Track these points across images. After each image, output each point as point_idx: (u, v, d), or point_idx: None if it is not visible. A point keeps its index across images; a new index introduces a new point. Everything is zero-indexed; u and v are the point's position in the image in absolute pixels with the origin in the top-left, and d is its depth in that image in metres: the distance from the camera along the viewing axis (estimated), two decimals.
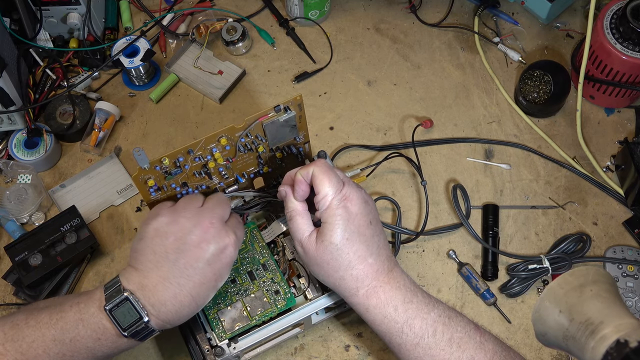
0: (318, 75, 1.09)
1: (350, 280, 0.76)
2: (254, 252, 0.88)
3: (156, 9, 1.13)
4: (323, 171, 0.75)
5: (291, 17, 1.13)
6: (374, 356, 0.90)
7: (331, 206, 0.75)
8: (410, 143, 1.01)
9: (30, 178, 1.00)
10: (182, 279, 0.72)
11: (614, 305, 0.62)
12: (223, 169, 0.84)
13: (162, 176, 0.80)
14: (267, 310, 0.84)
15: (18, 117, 1.00)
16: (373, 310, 0.76)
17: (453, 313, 0.76)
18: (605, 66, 0.98)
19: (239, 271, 0.87)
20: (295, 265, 0.87)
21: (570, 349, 0.62)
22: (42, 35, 1.07)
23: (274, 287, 0.85)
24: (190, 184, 0.83)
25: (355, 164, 1.02)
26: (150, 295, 0.72)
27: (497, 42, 1.10)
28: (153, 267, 0.73)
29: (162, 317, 0.73)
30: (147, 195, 0.81)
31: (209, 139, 0.79)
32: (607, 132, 1.03)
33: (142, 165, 0.77)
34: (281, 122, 0.81)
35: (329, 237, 0.75)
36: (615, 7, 0.97)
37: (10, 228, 0.97)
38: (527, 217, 0.98)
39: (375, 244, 0.77)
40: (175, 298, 0.72)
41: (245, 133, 0.80)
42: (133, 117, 1.07)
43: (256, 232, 0.89)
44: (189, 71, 1.09)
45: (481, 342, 0.74)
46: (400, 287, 0.76)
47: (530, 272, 0.91)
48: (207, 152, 0.80)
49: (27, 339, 0.72)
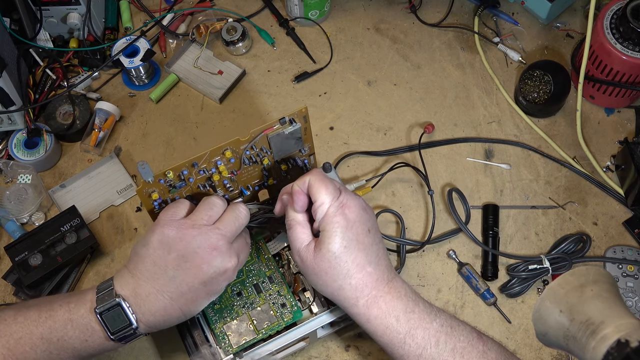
0: (318, 75, 1.09)
1: (349, 290, 0.75)
2: (260, 264, 0.87)
3: (156, 9, 1.13)
4: (319, 179, 0.75)
5: (291, 17, 1.13)
6: (374, 356, 0.90)
7: (328, 214, 0.74)
8: (413, 146, 1.01)
9: (30, 178, 1.00)
10: (176, 294, 0.73)
11: (615, 305, 0.62)
12: (228, 181, 0.82)
13: (167, 189, 0.78)
14: (273, 323, 0.83)
15: (18, 117, 1.00)
16: (374, 321, 0.74)
17: (455, 322, 0.75)
18: (605, 66, 0.98)
19: (245, 284, 0.85)
20: (301, 279, 0.85)
21: (570, 349, 0.62)
22: (42, 35, 1.07)
23: (281, 300, 0.84)
24: (195, 196, 0.81)
25: (359, 173, 1.01)
26: (142, 304, 0.73)
27: (497, 42, 1.10)
28: (150, 277, 0.73)
29: (149, 325, 0.74)
30: (151, 208, 0.80)
31: (213, 152, 0.78)
32: (607, 132, 1.03)
33: (146, 179, 0.76)
34: (286, 135, 0.80)
35: (326, 245, 0.74)
36: (615, 7, 0.97)
37: (10, 228, 0.97)
38: (527, 217, 0.98)
39: (374, 252, 0.76)
40: (165, 310, 0.73)
41: (250, 146, 0.79)
42: (133, 117, 1.07)
43: (262, 243, 0.88)
44: (189, 71, 1.09)
45: (484, 352, 0.73)
46: (402, 297, 0.75)
47: (531, 273, 0.91)
48: (212, 165, 0.79)
49: (14, 335, 0.72)
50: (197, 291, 0.74)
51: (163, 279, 0.73)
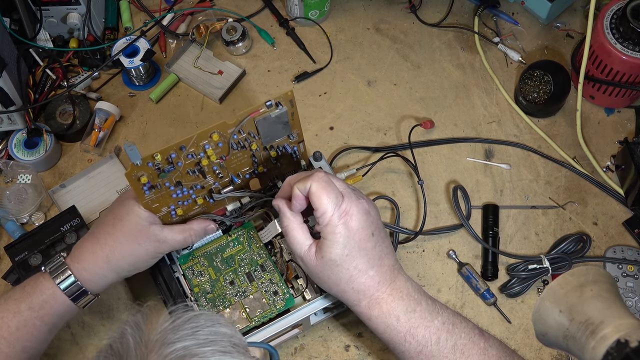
0: (318, 75, 1.09)
1: (352, 293, 0.76)
2: (252, 252, 0.88)
3: (156, 9, 1.13)
4: (321, 187, 0.74)
5: (291, 17, 1.13)
6: (374, 356, 0.90)
7: (331, 223, 0.74)
8: (414, 144, 1.01)
9: (30, 178, 1.00)
10: (96, 234, 0.81)
11: (614, 305, 0.62)
12: (217, 167, 0.83)
13: (156, 173, 0.79)
14: (266, 311, 0.84)
15: (18, 117, 1.00)
16: (375, 320, 0.76)
17: (457, 319, 0.76)
18: (605, 66, 0.98)
19: (237, 272, 0.87)
20: (293, 267, 0.86)
21: (570, 349, 0.62)
22: (42, 35, 1.07)
23: (273, 287, 0.85)
24: (184, 183, 0.82)
25: (352, 163, 1.02)
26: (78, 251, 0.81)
27: (497, 42, 1.10)
28: (90, 232, 0.83)
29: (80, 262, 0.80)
30: (142, 193, 0.79)
31: (201, 135, 0.78)
32: (607, 132, 1.03)
33: (134, 161, 0.76)
34: (273, 118, 0.81)
35: (328, 254, 0.74)
36: (615, 7, 0.97)
37: (10, 228, 0.97)
38: (527, 217, 0.98)
39: (376, 255, 0.76)
40: (93, 253, 0.80)
41: (238, 129, 0.80)
42: (133, 117, 1.07)
43: (253, 232, 0.89)
44: (189, 71, 1.09)
45: (485, 349, 0.74)
46: (403, 297, 0.76)
47: (530, 272, 0.91)
48: (200, 149, 0.80)
49: None
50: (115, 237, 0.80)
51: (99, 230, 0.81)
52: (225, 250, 0.88)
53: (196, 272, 0.87)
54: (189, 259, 0.88)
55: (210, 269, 0.87)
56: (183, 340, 0.55)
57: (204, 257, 0.88)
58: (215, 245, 0.89)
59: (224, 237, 0.89)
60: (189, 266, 0.87)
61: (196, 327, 0.57)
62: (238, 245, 0.89)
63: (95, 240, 0.80)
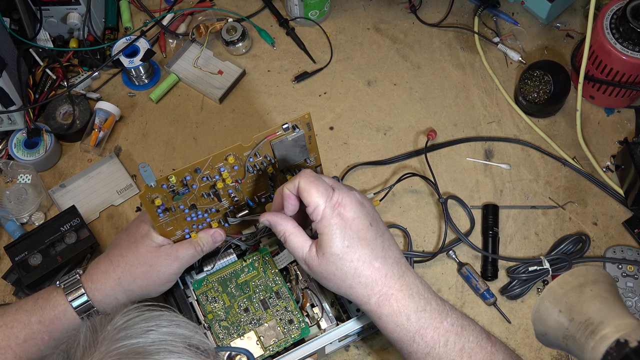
0: (318, 75, 1.09)
1: (360, 288, 0.74)
2: (267, 279, 0.86)
3: (156, 9, 1.13)
4: (309, 181, 0.73)
5: (291, 17, 1.13)
6: (374, 356, 0.90)
7: (324, 216, 0.73)
8: (416, 152, 1.01)
9: (30, 178, 1.00)
10: (113, 257, 0.82)
11: (614, 305, 0.62)
12: (232, 191, 0.81)
13: (170, 196, 0.77)
14: (280, 340, 0.82)
15: (18, 117, 1.00)
16: (385, 319, 0.74)
17: (466, 321, 0.75)
18: (605, 66, 0.98)
19: (251, 299, 0.85)
20: (309, 294, 0.84)
21: (570, 349, 0.62)
22: (42, 35, 1.07)
23: (288, 316, 0.83)
24: (199, 206, 0.80)
25: (366, 184, 1.00)
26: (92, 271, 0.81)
27: (497, 42, 1.10)
28: (106, 253, 0.83)
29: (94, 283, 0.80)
30: (156, 216, 0.78)
31: (216, 157, 0.76)
32: (607, 132, 1.03)
33: (148, 183, 0.74)
34: (290, 142, 0.78)
35: (328, 249, 0.73)
36: (615, 7, 0.97)
37: (10, 228, 0.97)
38: (527, 217, 0.98)
39: (379, 246, 0.74)
40: (106, 273, 0.81)
41: (254, 152, 0.77)
42: (133, 117, 1.07)
43: (269, 258, 0.87)
44: (189, 71, 1.09)
45: (492, 353, 0.73)
46: (413, 295, 0.74)
47: (531, 274, 0.91)
48: (215, 172, 0.77)
49: None
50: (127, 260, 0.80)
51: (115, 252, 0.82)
52: (240, 276, 0.86)
53: (210, 298, 0.85)
54: (203, 284, 0.86)
55: (224, 295, 0.85)
56: (132, 338, 0.56)
57: (218, 282, 0.86)
58: (229, 270, 0.87)
59: (238, 262, 0.87)
60: (203, 292, 0.85)
61: (150, 327, 0.58)
62: (253, 270, 0.87)
63: (108, 261, 0.81)
